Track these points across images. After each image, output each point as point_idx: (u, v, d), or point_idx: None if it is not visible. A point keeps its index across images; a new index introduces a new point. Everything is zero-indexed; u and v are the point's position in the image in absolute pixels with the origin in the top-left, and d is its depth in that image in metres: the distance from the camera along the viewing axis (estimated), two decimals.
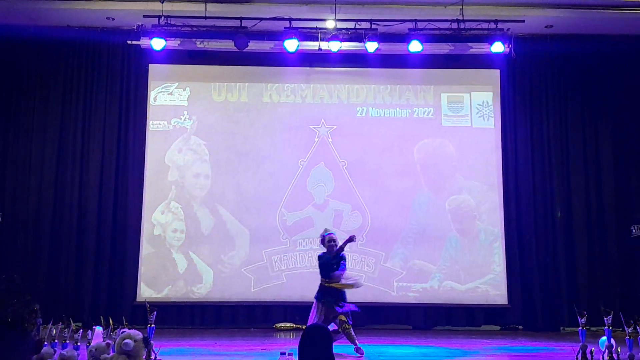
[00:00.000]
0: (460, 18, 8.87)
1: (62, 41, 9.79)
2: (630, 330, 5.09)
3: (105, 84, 9.85)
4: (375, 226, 9.53)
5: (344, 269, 6.86)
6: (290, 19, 8.88)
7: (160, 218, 9.58)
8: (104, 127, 9.76)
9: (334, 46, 8.98)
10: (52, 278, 9.32)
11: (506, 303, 9.42)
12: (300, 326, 8.88)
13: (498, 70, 9.94)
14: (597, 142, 9.86)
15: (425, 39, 9.00)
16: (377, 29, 8.91)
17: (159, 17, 8.85)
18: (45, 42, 9.73)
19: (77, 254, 9.44)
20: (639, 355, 5.07)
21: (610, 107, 9.92)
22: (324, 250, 7.04)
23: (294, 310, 9.37)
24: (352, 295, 9.31)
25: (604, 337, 5.49)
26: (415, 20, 8.91)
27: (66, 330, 4.97)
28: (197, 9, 8.83)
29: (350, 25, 8.94)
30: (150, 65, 9.84)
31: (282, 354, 5.00)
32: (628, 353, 5.08)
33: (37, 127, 9.73)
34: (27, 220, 9.49)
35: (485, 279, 9.48)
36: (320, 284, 6.94)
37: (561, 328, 9.33)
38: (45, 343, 4.80)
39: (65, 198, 9.59)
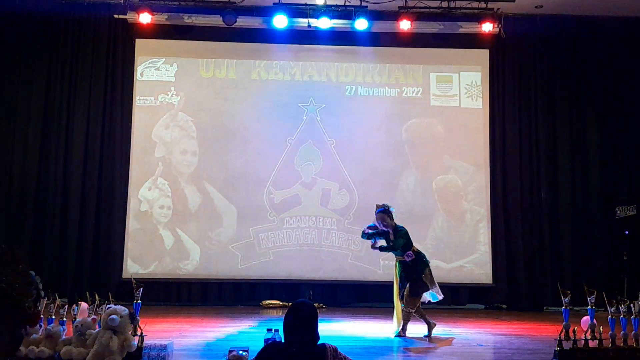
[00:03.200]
0: None
1: (48, 14, 9.64)
2: (612, 310, 5.14)
3: (91, 59, 9.71)
4: (363, 205, 9.52)
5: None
6: None
7: (147, 194, 9.53)
8: (89, 102, 9.63)
9: (324, 23, 8.91)
10: (37, 254, 9.22)
11: (491, 282, 9.51)
12: (286, 304, 8.92)
13: (487, 50, 9.91)
14: (585, 124, 9.90)
15: (415, 17, 8.96)
16: (367, 7, 8.85)
17: None
18: (31, 14, 9.58)
19: (62, 229, 9.38)
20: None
21: (598, 87, 9.94)
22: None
23: (281, 288, 9.43)
24: (339, 273, 9.38)
25: (587, 317, 5.55)
26: None
27: (51, 305, 4.93)
28: None
29: (340, 2, 8.87)
30: (137, 40, 9.71)
31: (269, 330, 5.04)
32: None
33: (21, 102, 9.59)
34: (10, 195, 9.39)
35: (470, 259, 9.55)
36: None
37: (545, 307, 9.43)
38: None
39: (49, 173, 9.49)
